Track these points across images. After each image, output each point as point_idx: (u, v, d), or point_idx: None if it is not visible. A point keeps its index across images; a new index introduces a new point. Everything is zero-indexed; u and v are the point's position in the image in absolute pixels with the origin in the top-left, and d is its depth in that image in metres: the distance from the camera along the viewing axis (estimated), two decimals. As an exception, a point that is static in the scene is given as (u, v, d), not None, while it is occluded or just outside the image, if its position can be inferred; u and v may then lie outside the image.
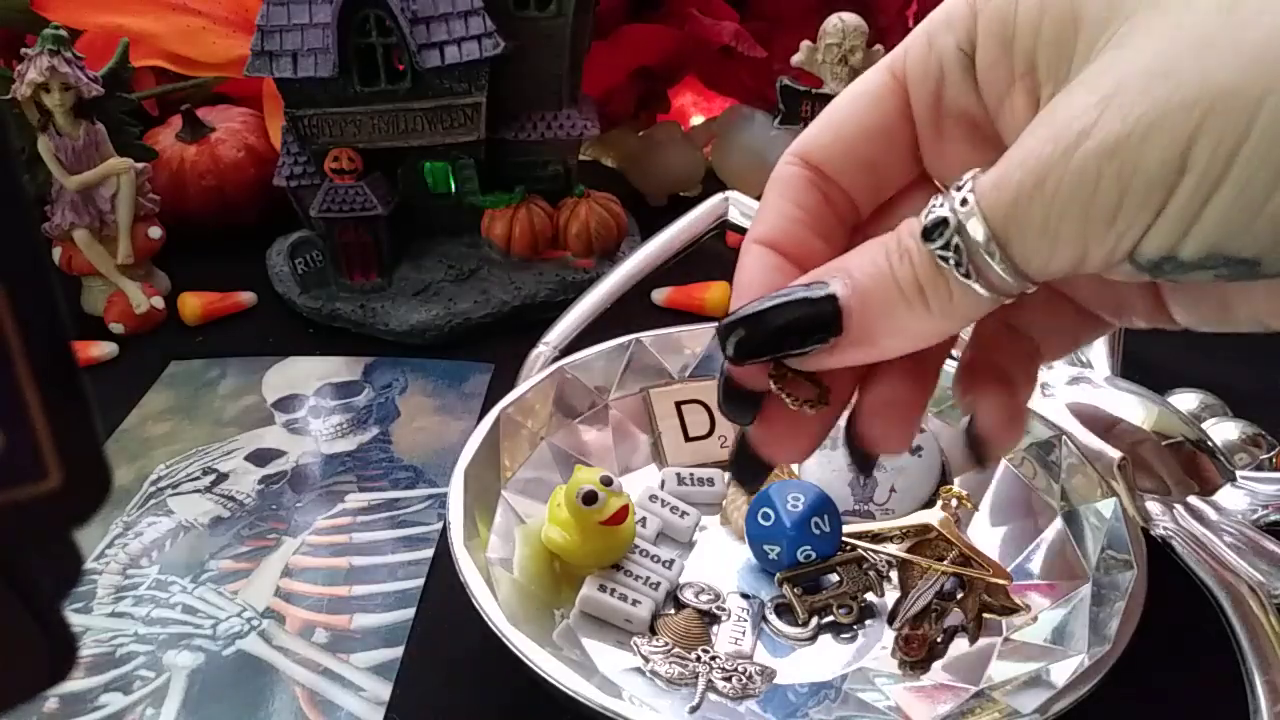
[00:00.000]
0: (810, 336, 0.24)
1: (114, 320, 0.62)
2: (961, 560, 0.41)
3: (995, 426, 0.27)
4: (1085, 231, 0.20)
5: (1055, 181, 0.20)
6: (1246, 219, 0.19)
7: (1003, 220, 0.21)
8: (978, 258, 0.21)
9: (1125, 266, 0.21)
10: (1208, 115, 0.19)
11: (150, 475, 0.51)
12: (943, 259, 0.22)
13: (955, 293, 0.22)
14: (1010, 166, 0.21)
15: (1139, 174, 0.19)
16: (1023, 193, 0.21)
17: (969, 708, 0.36)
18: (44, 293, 0.12)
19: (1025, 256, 0.21)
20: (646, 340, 0.50)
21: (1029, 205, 0.21)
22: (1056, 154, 0.20)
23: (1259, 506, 0.42)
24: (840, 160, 0.26)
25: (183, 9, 0.70)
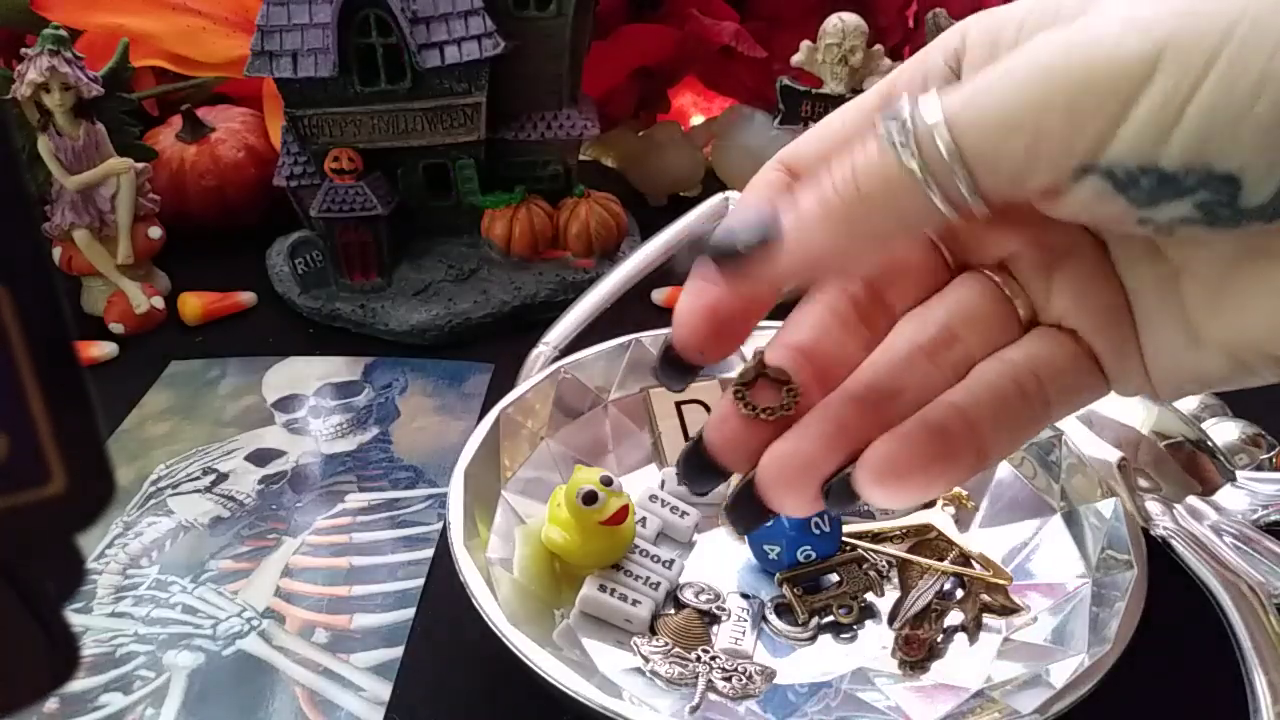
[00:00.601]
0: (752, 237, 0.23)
1: (114, 320, 0.62)
2: (961, 560, 0.41)
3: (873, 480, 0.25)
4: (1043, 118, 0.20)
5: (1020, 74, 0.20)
6: (1231, 121, 0.19)
7: (960, 105, 0.21)
8: (925, 140, 0.21)
9: (1098, 183, 0.20)
10: (1184, 20, 0.19)
11: (150, 475, 0.51)
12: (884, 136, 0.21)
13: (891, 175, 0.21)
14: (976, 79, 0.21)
15: (1108, 66, 0.19)
16: (981, 83, 0.20)
17: (969, 708, 0.36)
18: (47, 294, 0.12)
19: (978, 145, 0.20)
20: (646, 340, 0.50)
21: (988, 93, 0.20)
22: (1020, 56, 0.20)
23: (1259, 506, 0.42)
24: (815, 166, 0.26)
25: (183, 9, 0.70)
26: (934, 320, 0.26)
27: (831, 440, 0.25)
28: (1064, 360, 0.25)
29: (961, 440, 0.24)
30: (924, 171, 0.21)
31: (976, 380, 0.25)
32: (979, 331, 0.26)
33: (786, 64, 0.62)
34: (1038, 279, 0.26)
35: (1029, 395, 0.25)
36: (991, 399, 0.25)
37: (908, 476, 0.24)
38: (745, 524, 0.28)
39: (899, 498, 0.25)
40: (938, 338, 0.26)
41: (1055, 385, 0.25)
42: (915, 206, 0.21)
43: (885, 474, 0.24)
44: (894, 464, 0.24)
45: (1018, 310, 0.26)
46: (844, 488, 0.25)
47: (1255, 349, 0.23)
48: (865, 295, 0.27)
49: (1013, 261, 0.26)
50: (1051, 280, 0.26)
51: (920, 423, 0.24)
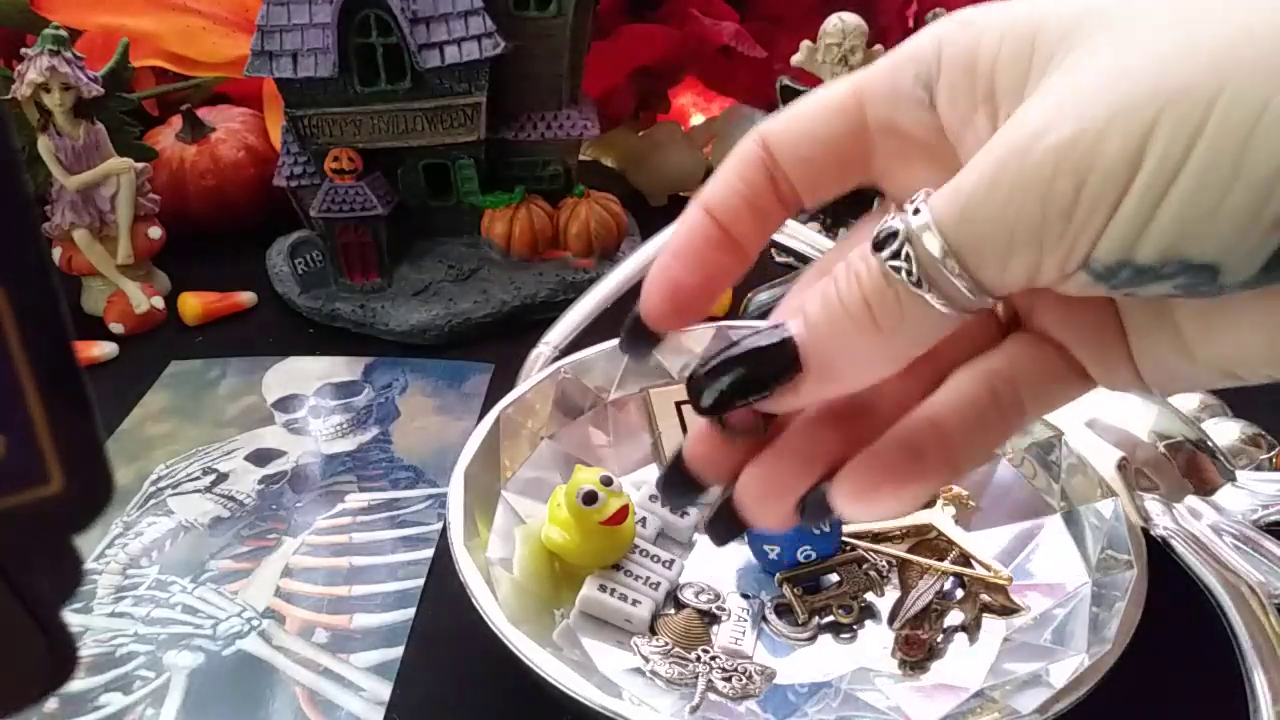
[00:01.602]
0: (773, 378, 0.24)
1: (114, 320, 0.62)
2: (961, 560, 0.41)
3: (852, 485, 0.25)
4: (1041, 233, 0.20)
5: (1010, 182, 0.20)
6: (1203, 217, 0.19)
7: (956, 226, 0.21)
8: (931, 268, 0.21)
9: (1081, 276, 0.20)
10: (1164, 109, 0.18)
11: (150, 475, 0.51)
12: (894, 269, 0.21)
13: (906, 307, 0.22)
14: (965, 176, 0.21)
15: (1095, 169, 0.19)
16: (976, 196, 0.20)
17: (969, 708, 0.36)
18: (46, 295, 0.12)
19: (979, 265, 0.21)
20: (646, 340, 0.50)
21: (983, 208, 0.20)
22: (1011, 156, 0.20)
23: (1259, 506, 0.42)
24: (788, 151, 0.26)
25: (183, 9, 0.70)
26: None
27: (807, 459, 0.26)
28: (1045, 370, 0.25)
29: (935, 456, 0.25)
30: (942, 302, 0.21)
31: (952, 392, 0.25)
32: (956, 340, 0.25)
33: (786, 64, 0.62)
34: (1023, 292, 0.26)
35: (1004, 404, 0.25)
36: (967, 411, 0.25)
37: (881, 494, 0.25)
38: (723, 538, 0.28)
39: (873, 513, 0.25)
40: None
41: (1033, 392, 0.25)
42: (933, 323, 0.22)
43: (859, 493, 0.25)
44: (868, 483, 0.25)
45: (998, 313, 0.26)
46: (819, 504, 0.25)
47: (1248, 368, 0.23)
48: None
49: None
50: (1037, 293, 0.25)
51: (894, 442, 0.25)
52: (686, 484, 0.28)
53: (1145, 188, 0.19)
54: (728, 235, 0.26)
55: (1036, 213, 0.20)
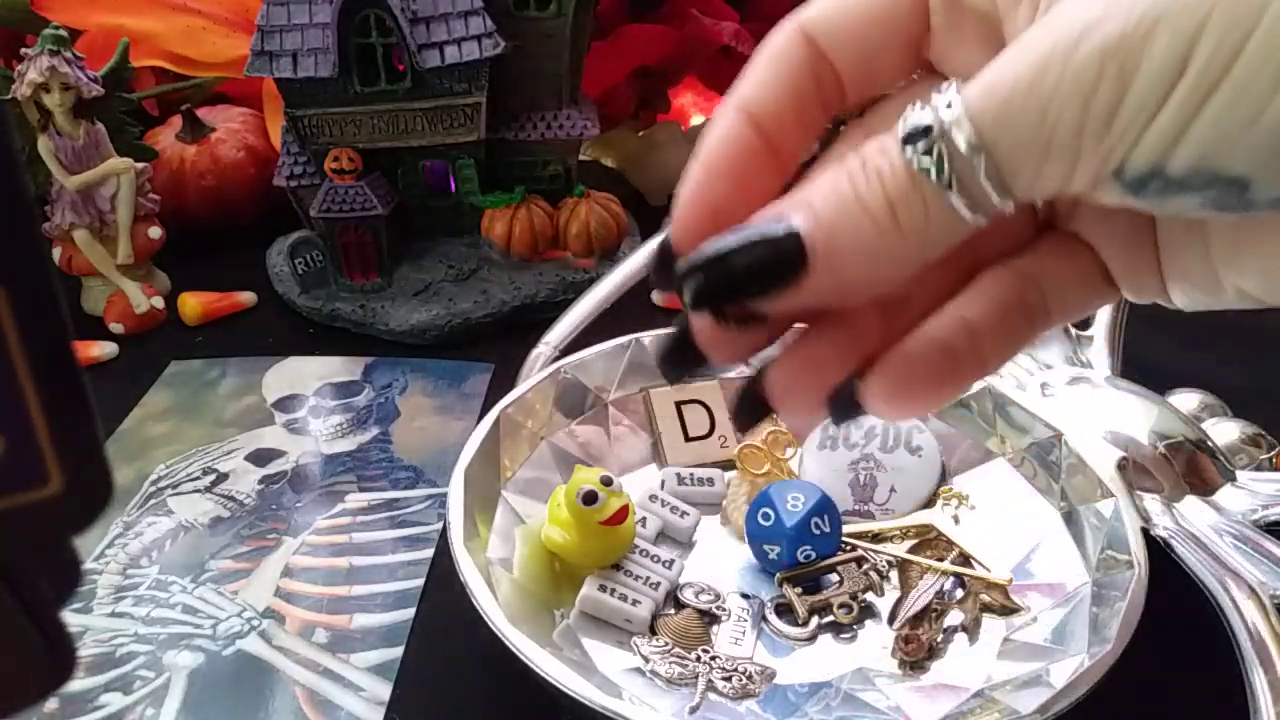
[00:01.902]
0: (775, 279, 0.22)
1: (114, 320, 0.62)
2: (961, 560, 0.41)
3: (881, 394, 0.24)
4: (1080, 138, 0.19)
5: (1054, 81, 0.19)
6: (1239, 129, 0.18)
7: (992, 124, 0.19)
8: (961, 167, 0.20)
9: (1111, 185, 0.20)
10: (1215, 7, 0.18)
11: (150, 475, 0.51)
12: (923, 170, 0.20)
13: (932, 210, 0.20)
14: (1004, 68, 0.19)
15: (1142, 72, 0.18)
16: (1016, 94, 0.19)
17: (969, 708, 0.36)
18: (46, 295, 0.12)
19: (1013, 168, 0.20)
20: (646, 340, 0.50)
21: (1023, 108, 0.19)
22: (1056, 53, 0.19)
23: (1259, 506, 0.42)
24: (840, 39, 0.24)
25: (183, 9, 0.70)
26: None
27: (845, 348, 0.24)
28: (1074, 275, 0.25)
29: (966, 356, 0.24)
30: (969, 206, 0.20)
31: (983, 291, 0.24)
32: (991, 235, 0.24)
33: (786, 64, 0.62)
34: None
35: (1032, 308, 0.24)
36: (997, 314, 0.24)
37: (915, 393, 0.24)
38: (748, 421, 0.26)
39: (904, 412, 0.25)
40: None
41: (1060, 297, 0.25)
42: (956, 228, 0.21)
43: (893, 392, 0.24)
44: (903, 381, 0.24)
45: (1035, 208, 0.25)
46: (849, 399, 0.24)
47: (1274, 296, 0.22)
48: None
49: None
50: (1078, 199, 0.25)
51: (929, 340, 0.24)
52: (690, 357, 0.25)
53: (1187, 94, 0.18)
54: (769, 143, 0.24)
55: (1077, 116, 0.19)
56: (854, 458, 0.46)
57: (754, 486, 0.44)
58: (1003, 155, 0.20)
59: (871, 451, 0.46)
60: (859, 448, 0.46)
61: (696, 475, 0.47)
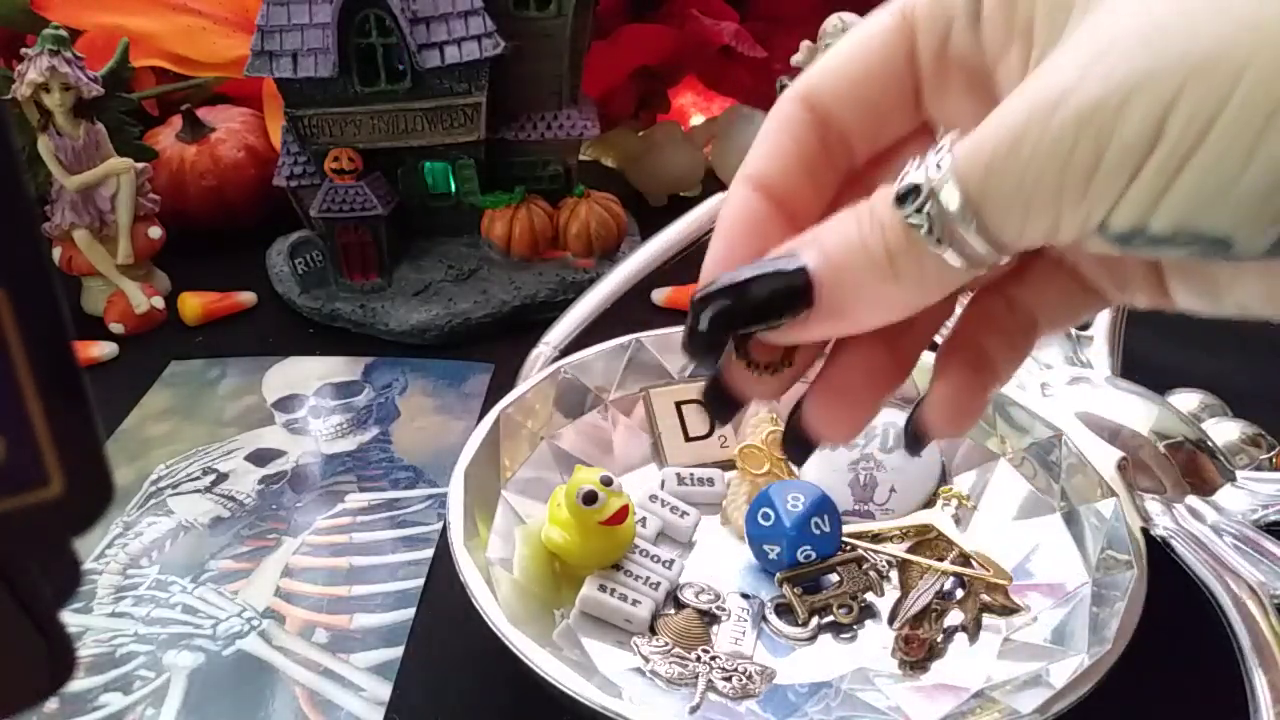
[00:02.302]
0: (782, 310, 0.23)
1: (114, 320, 0.62)
2: (961, 560, 0.41)
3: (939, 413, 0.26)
4: (1059, 199, 0.20)
5: (1032, 146, 0.20)
6: (1218, 194, 0.18)
7: (978, 186, 0.21)
8: (951, 226, 0.21)
9: (1097, 239, 0.20)
10: (1188, 81, 0.18)
11: (150, 475, 0.51)
12: (915, 226, 0.21)
13: (927, 262, 0.22)
14: (988, 131, 0.21)
15: (1116, 140, 0.19)
16: (998, 157, 0.20)
17: (969, 708, 0.36)
18: (46, 296, 0.12)
19: (999, 225, 0.21)
20: (646, 340, 0.50)
21: (1004, 170, 0.20)
22: (1035, 118, 0.20)
23: (1259, 506, 0.42)
24: (841, 99, 0.25)
25: (183, 9, 0.70)
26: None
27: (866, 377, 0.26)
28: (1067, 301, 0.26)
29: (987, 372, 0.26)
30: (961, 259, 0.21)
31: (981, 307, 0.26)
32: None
33: (786, 64, 0.62)
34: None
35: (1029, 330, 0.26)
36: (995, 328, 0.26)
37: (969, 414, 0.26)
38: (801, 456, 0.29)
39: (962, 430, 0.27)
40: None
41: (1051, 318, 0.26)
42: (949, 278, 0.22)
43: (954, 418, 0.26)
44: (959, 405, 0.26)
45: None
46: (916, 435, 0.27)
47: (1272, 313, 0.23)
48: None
49: None
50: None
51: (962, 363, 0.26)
52: (727, 400, 0.27)
53: (1164, 159, 0.19)
54: (783, 210, 0.25)
55: (1056, 177, 0.20)
56: (854, 458, 0.46)
57: (754, 486, 0.44)
58: (989, 213, 0.21)
59: (871, 451, 0.46)
60: (859, 448, 0.46)
61: (696, 475, 0.47)
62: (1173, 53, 0.18)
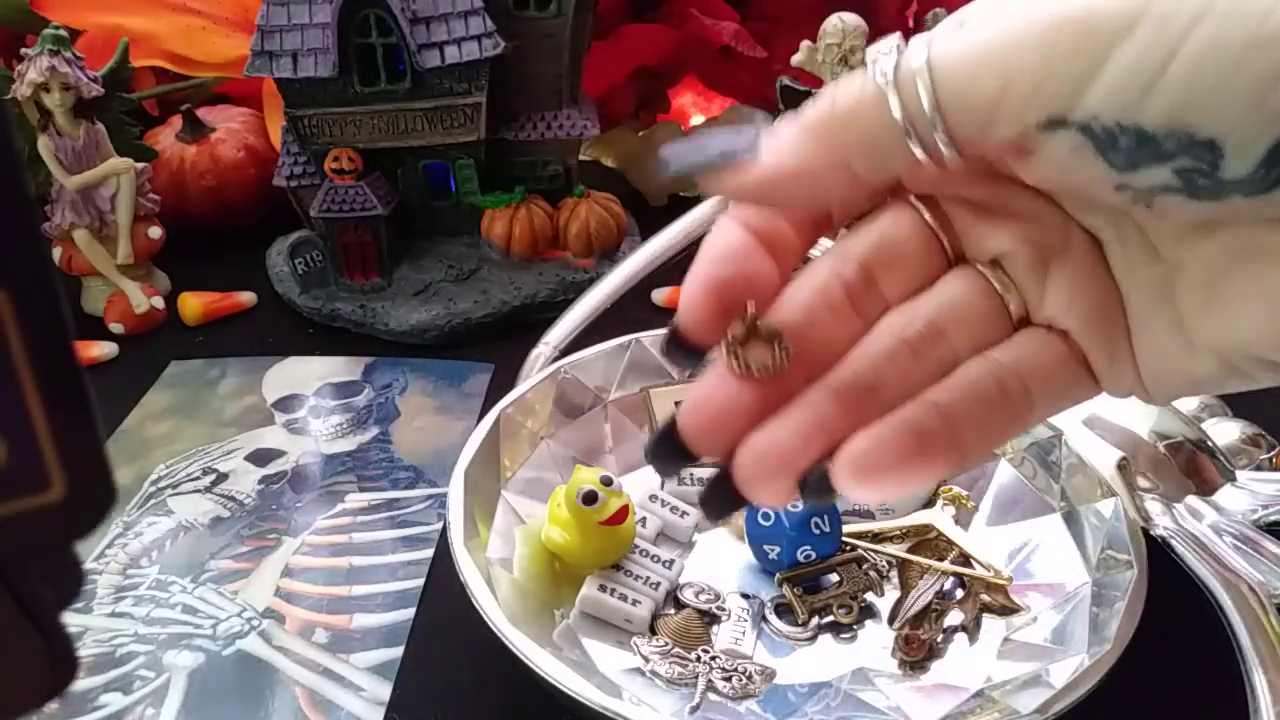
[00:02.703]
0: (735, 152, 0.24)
1: (114, 320, 0.62)
2: (961, 560, 0.41)
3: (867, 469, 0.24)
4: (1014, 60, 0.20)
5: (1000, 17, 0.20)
6: (1211, 85, 0.18)
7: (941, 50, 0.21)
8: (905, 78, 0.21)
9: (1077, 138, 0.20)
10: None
11: (150, 475, 0.51)
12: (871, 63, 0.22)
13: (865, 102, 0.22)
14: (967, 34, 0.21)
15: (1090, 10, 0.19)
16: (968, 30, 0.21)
17: (969, 708, 0.36)
18: (48, 299, 0.12)
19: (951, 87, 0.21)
20: (646, 340, 0.50)
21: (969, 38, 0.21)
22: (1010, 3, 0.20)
23: (1259, 506, 0.42)
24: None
25: (183, 9, 0.70)
26: (921, 315, 0.25)
27: (810, 434, 0.25)
28: (1052, 363, 0.25)
29: (939, 439, 0.24)
30: (900, 107, 0.21)
31: (960, 379, 0.25)
32: (967, 329, 0.25)
33: (786, 64, 0.62)
34: (1032, 277, 0.25)
35: (1012, 397, 0.25)
36: (973, 399, 0.25)
37: (884, 473, 0.24)
38: (719, 512, 0.28)
39: (875, 493, 0.25)
40: (924, 333, 0.25)
41: (1041, 388, 0.25)
42: (888, 138, 0.22)
43: (862, 470, 0.24)
44: (871, 461, 0.24)
45: (1009, 307, 0.26)
46: (821, 482, 0.25)
47: (1246, 352, 0.23)
48: (859, 281, 0.26)
49: (1007, 259, 0.26)
50: (1046, 279, 0.25)
51: (899, 421, 0.24)
52: (676, 452, 0.26)
53: (1155, 34, 0.19)
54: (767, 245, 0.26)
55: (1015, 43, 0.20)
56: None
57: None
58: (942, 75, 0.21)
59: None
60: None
61: (696, 475, 0.47)
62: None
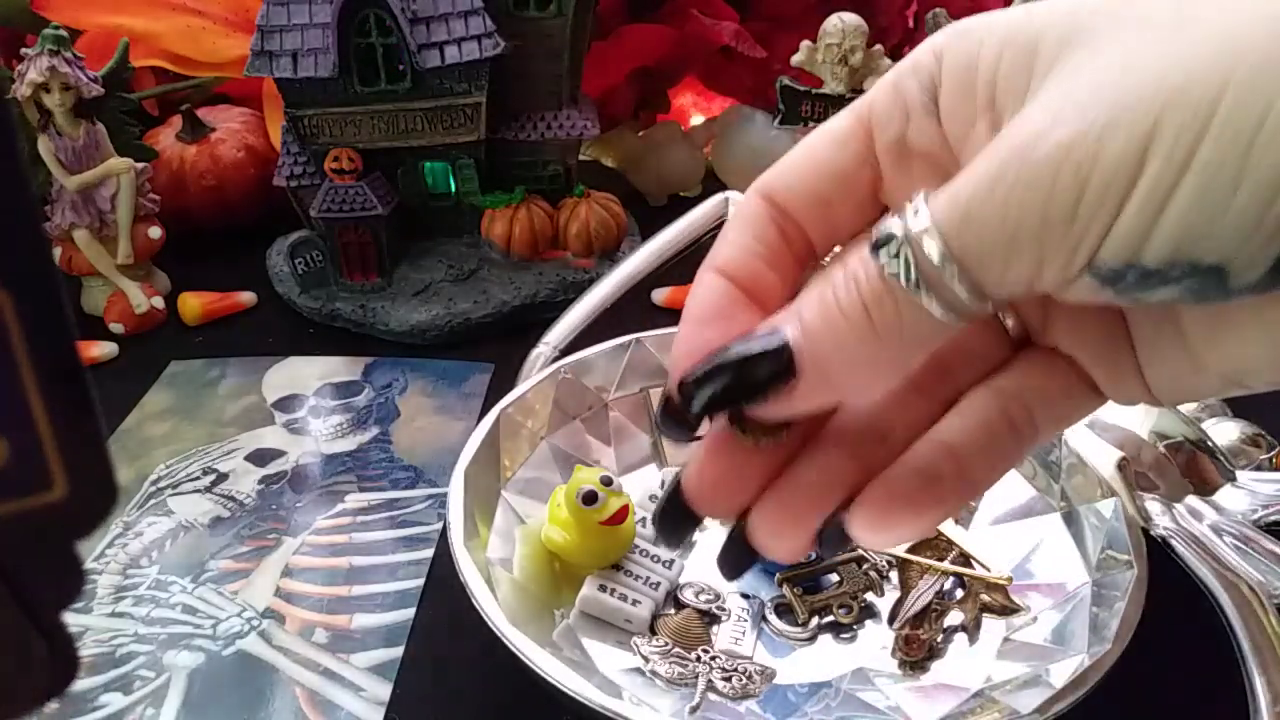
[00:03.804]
0: (768, 384, 0.23)
1: (114, 320, 0.62)
2: (961, 560, 0.41)
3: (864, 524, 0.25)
4: (1043, 234, 0.20)
5: (1012, 181, 0.20)
6: (1209, 218, 0.18)
7: (956, 230, 0.20)
8: (930, 272, 0.20)
9: (1087, 280, 0.20)
10: (1167, 107, 0.18)
11: (150, 475, 0.51)
12: (893, 275, 0.21)
13: (907, 313, 0.21)
14: (965, 178, 0.20)
15: (1097, 169, 0.19)
16: (978, 197, 0.20)
17: (969, 708, 0.36)
18: (50, 300, 0.12)
19: (981, 269, 0.20)
20: (646, 340, 0.50)
21: (984, 214, 0.20)
22: (1013, 156, 0.20)
23: (1259, 506, 0.42)
24: (798, 197, 0.26)
25: (183, 9, 0.70)
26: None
27: (822, 489, 0.25)
28: (1057, 388, 0.25)
29: (951, 480, 0.24)
30: (942, 307, 0.21)
31: (966, 415, 0.25)
32: (970, 359, 0.25)
33: (786, 64, 0.62)
34: (1033, 304, 0.25)
35: (1018, 425, 0.25)
36: (980, 433, 0.25)
37: (899, 521, 0.24)
38: (735, 571, 0.28)
39: (892, 541, 0.25)
40: (930, 369, 0.25)
41: (1045, 411, 0.25)
42: (931, 330, 0.21)
43: (877, 521, 0.24)
44: (885, 511, 0.24)
45: (1007, 328, 0.26)
46: (837, 534, 0.25)
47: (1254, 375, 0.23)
48: None
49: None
50: (1048, 306, 0.25)
51: (910, 469, 0.24)
52: (684, 517, 0.26)
53: (1150, 188, 0.19)
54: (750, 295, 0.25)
55: (1038, 213, 0.19)
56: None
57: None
58: (969, 256, 0.20)
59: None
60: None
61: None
62: (1147, 84, 0.19)
